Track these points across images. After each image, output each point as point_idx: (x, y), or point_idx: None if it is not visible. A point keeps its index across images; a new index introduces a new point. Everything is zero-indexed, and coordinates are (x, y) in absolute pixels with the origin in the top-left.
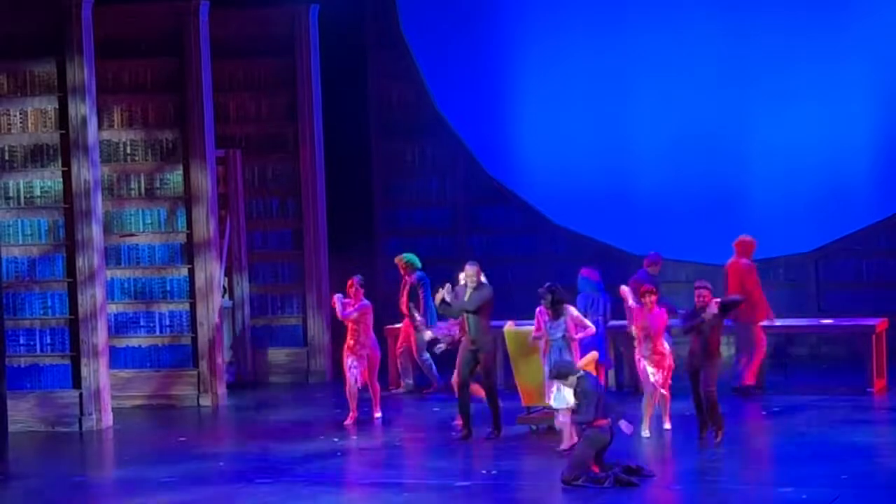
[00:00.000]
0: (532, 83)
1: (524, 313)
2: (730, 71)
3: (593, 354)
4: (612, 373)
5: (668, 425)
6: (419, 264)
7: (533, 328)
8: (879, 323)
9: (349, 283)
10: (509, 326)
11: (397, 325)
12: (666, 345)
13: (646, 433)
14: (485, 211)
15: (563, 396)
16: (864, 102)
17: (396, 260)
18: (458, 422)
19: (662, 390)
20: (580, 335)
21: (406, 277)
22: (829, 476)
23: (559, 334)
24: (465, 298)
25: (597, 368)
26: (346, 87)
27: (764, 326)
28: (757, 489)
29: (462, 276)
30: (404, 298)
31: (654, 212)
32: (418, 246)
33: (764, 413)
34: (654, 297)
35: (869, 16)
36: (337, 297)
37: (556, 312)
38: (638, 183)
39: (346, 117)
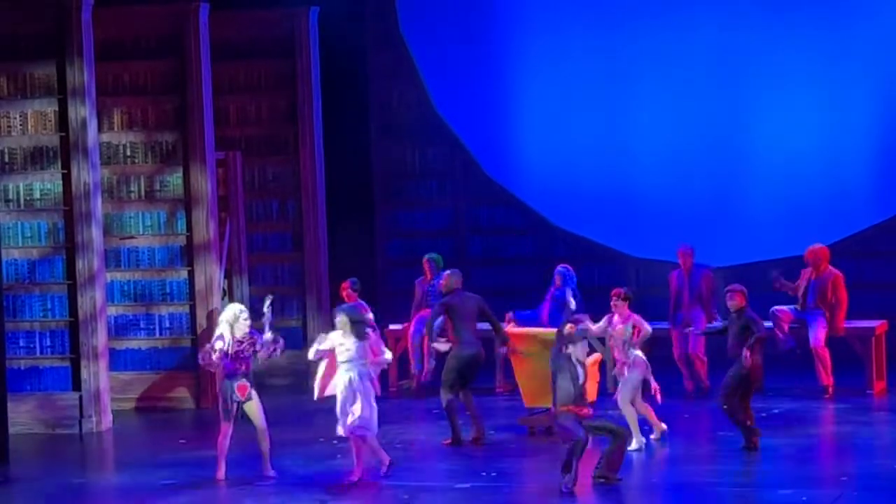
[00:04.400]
0: (532, 84)
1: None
2: (730, 73)
3: (596, 356)
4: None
5: (654, 435)
6: (442, 263)
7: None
8: (879, 325)
9: (342, 286)
10: (512, 327)
11: (398, 327)
12: (634, 353)
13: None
14: (485, 212)
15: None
16: (864, 104)
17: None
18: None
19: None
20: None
21: (429, 276)
22: (829, 478)
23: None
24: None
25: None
26: (346, 89)
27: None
28: (757, 491)
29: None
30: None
31: (653, 213)
32: (418, 247)
33: (763, 415)
34: (614, 301)
35: (869, 17)
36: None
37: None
38: (637, 184)
39: (346, 119)
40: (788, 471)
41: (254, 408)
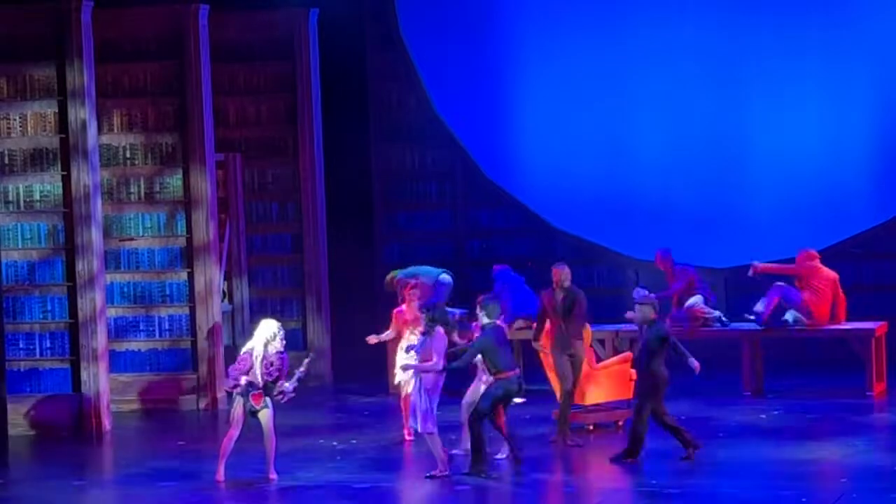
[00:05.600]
0: (531, 86)
1: None
2: (730, 75)
3: (626, 354)
4: None
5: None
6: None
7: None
8: (879, 326)
9: (407, 286)
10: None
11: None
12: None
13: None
14: (484, 214)
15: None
16: (863, 106)
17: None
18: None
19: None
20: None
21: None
22: (828, 479)
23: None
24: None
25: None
26: (346, 91)
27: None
28: (757, 492)
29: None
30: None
31: (653, 215)
32: (418, 249)
33: (763, 416)
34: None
35: (869, 19)
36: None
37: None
38: (637, 186)
39: (346, 121)
40: (788, 472)
41: (266, 415)
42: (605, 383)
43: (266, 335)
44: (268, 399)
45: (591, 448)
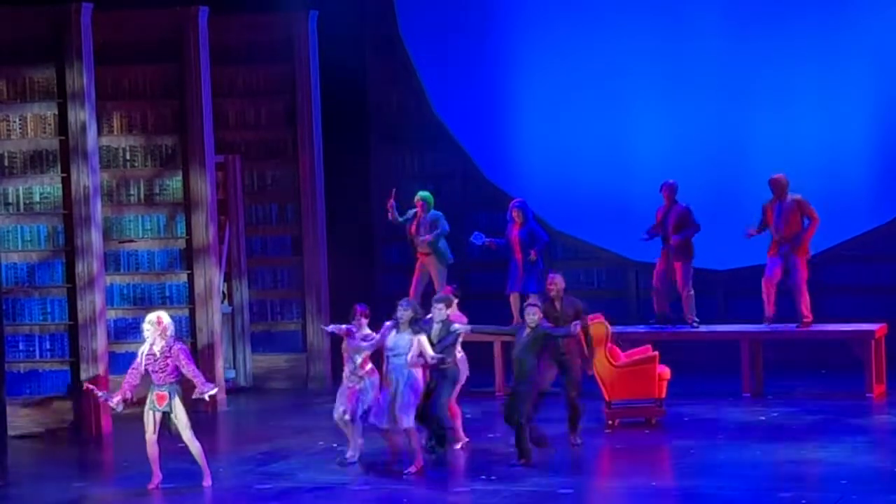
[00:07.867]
0: (531, 88)
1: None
2: (729, 77)
3: (655, 354)
4: None
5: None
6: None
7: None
8: (879, 328)
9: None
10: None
11: None
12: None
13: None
14: (484, 216)
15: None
16: (862, 108)
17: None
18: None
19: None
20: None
21: (421, 214)
22: (828, 481)
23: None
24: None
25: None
26: (345, 93)
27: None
28: (756, 494)
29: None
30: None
31: (652, 217)
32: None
33: (763, 418)
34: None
35: (868, 22)
36: None
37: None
38: (637, 187)
39: (346, 123)
40: (788, 474)
41: (175, 422)
42: (629, 381)
43: (145, 331)
44: (175, 402)
45: (594, 448)
